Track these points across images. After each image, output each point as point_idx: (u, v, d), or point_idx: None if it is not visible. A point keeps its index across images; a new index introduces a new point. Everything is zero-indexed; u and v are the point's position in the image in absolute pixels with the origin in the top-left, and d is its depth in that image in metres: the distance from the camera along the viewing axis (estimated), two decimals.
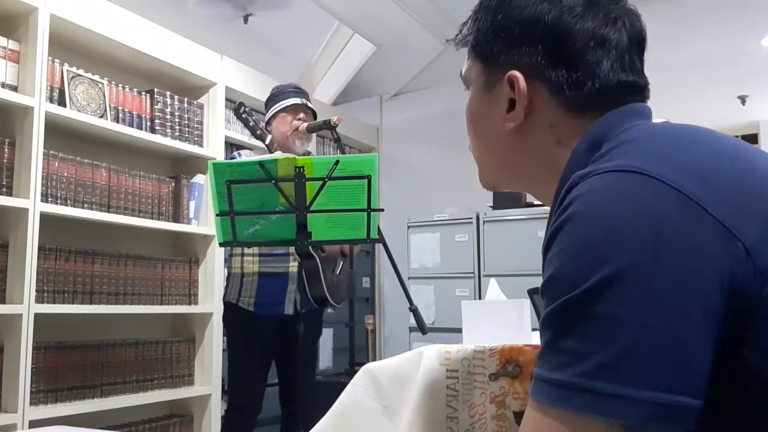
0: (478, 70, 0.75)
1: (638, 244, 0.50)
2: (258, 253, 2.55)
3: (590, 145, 0.66)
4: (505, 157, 0.74)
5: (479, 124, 0.76)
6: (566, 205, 0.56)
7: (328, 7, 3.75)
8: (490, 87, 0.74)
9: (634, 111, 0.69)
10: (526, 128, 0.71)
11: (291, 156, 1.97)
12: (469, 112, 0.77)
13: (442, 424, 1.10)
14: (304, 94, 2.69)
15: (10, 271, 2.37)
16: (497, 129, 0.73)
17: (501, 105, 0.72)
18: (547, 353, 0.54)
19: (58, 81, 2.59)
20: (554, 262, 0.55)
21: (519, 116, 0.70)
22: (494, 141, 0.74)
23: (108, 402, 2.62)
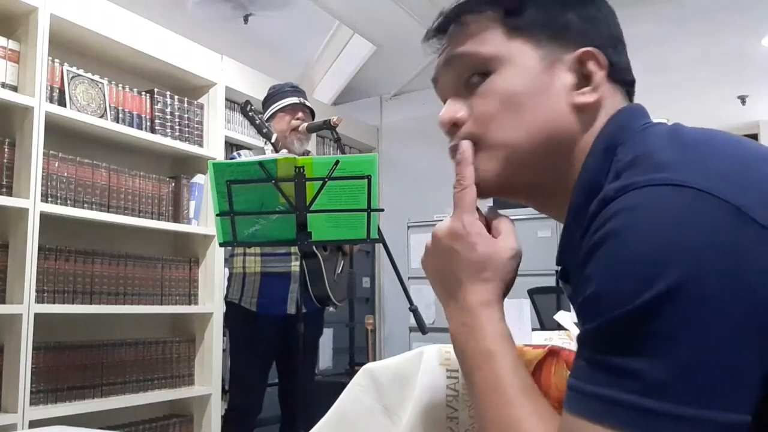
0: (529, 48, 0.69)
1: (689, 260, 0.49)
2: (260, 253, 2.55)
3: (606, 146, 0.65)
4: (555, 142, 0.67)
5: (532, 108, 0.68)
6: (605, 220, 0.54)
7: (328, 7, 3.75)
8: (548, 65, 0.68)
9: (638, 110, 0.70)
10: (591, 108, 0.68)
11: (291, 156, 1.97)
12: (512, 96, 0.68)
13: (442, 424, 1.10)
14: (301, 93, 2.70)
15: (10, 271, 2.37)
16: (558, 108, 0.67)
17: (562, 83, 0.68)
18: (590, 369, 0.53)
19: (58, 81, 2.59)
20: (596, 279, 0.53)
21: (594, 93, 0.67)
22: (550, 124, 0.67)
23: (108, 402, 2.62)
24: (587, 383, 0.52)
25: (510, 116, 0.68)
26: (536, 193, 0.73)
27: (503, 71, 0.69)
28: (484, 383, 0.63)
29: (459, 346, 0.68)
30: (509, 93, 0.68)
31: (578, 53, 0.68)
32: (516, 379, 0.62)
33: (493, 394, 0.62)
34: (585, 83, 0.68)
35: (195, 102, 3.19)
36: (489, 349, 0.64)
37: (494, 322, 0.66)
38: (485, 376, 0.63)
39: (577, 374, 0.54)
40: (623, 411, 0.49)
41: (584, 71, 0.68)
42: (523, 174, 0.70)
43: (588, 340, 0.53)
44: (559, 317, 1.48)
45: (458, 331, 0.68)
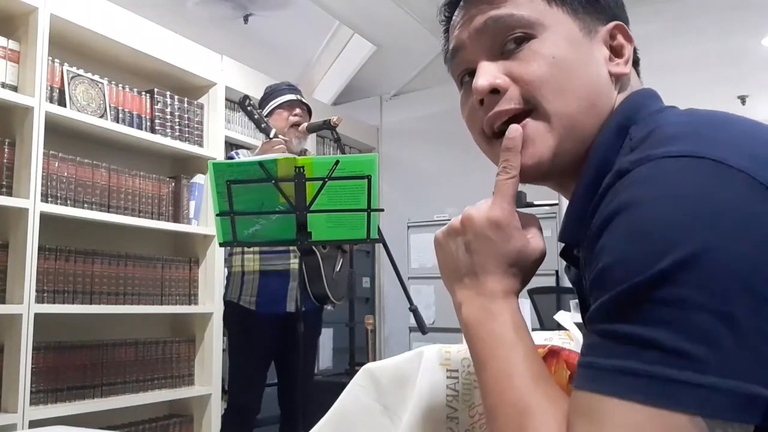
0: (568, 16, 0.68)
1: (709, 228, 0.48)
2: (258, 251, 2.55)
3: (619, 125, 0.65)
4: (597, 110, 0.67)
5: (580, 73, 0.67)
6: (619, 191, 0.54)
7: (328, 7, 3.75)
8: (588, 35, 0.69)
9: (653, 94, 0.71)
10: (623, 80, 0.70)
11: (291, 156, 1.97)
12: (562, 60, 0.66)
13: (442, 424, 1.10)
14: (297, 90, 2.72)
15: (10, 271, 2.37)
16: (599, 77, 0.68)
17: (601, 52, 0.69)
18: (606, 342, 0.51)
19: (58, 81, 2.59)
20: (611, 250, 0.52)
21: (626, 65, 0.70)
22: (595, 90, 0.68)
23: (108, 402, 2.62)
24: (604, 357, 0.50)
25: (561, 82, 0.66)
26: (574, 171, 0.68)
27: (546, 36, 0.67)
28: (499, 368, 0.61)
29: (474, 331, 0.65)
30: (559, 57, 0.66)
31: (611, 26, 0.70)
32: (532, 366, 0.60)
33: (507, 380, 0.60)
34: (616, 56, 0.70)
35: (195, 102, 3.19)
36: (508, 335, 0.62)
37: (515, 312, 0.65)
38: (500, 362, 0.61)
39: (591, 350, 0.52)
40: (644, 382, 0.47)
41: (614, 44, 0.70)
42: (575, 148, 0.67)
43: (603, 312, 0.52)
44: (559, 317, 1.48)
45: (476, 315, 0.65)
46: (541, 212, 3.68)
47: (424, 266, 4.01)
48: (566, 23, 0.68)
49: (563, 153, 0.67)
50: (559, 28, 0.67)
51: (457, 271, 0.68)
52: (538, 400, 0.57)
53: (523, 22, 0.67)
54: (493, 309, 0.64)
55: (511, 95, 0.67)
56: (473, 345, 0.65)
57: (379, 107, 5.02)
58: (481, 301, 0.65)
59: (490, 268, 0.66)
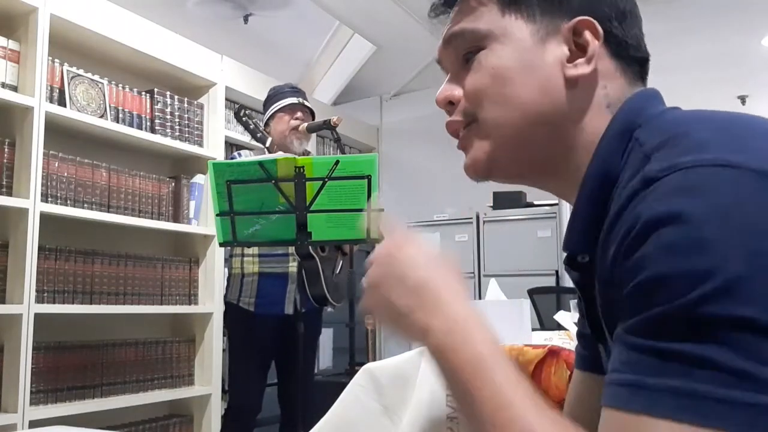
0: (522, 22, 0.67)
1: (759, 242, 0.47)
2: (258, 254, 2.55)
3: (622, 128, 0.63)
4: (549, 117, 0.66)
5: (521, 83, 0.66)
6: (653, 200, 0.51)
7: (328, 7, 3.75)
8: (542, 38, 0.66)
9: (654, 94, 0.68)
10: (587, 81, 0.65)
11: (291, 156, 1.97)
12: (502, 71, 0.67)
13: (442, 424, 1.10)
14: (300, 93, 2.71)
15: (10, 271, 2.37)
16: (550, 83, 0.66)
17: (554, 56, 0.66)
18: (652, 360, 0.48)
19: (58, 81, 2.59)
20: (657, 264, 0.49)
21: (588, 64, 0.65)
22: (541, 99, 0.66)
23: (108, 402, 2.62)
24: (652, 375, 0.47)
25: (500, 92, 0.67)
26: (535, 174, 0.70)
27: (494, 47, 0.68)
28: (483, 392, 0.57)
29: (447, 357, 0.61)
30: (497, 68, 0.67)
31: (573, 23, 0.66)
32: (518, 384, 0.57)
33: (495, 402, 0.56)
34: (580, 55, 0.66)
35: (195, 102, 3.19)
36: (482, 354, 0.59)
37: (483, 326, 0.62)
38: (482, 384, 0.58)
39: (632, 368, 0.49)
40: (701, 403, 0.45)
41: (579, 42, 0.66)
42: (518, 154, 0.68)
43: (649, 328, 0.49)
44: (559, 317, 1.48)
45: (444, 341, 0.61)
46: (541, 212, 3.68)
47: None
48: (518, 30, 0.67)
49: (504, 158, 0.69)
50: (508, 37, 0.67)
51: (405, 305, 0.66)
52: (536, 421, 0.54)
53: (476, 35, 0.69)
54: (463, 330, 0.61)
55: (460, 107, 0.71)
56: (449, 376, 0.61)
57: (379, 107, 5.02)
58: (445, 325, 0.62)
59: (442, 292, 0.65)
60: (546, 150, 0.67)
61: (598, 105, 0.66)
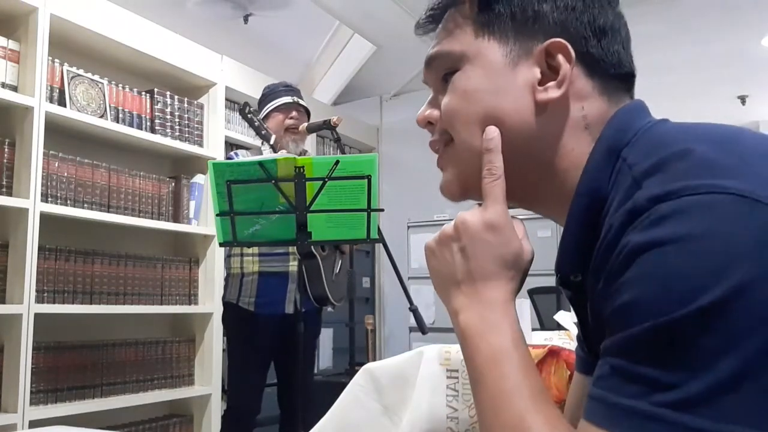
0: (495, 43, 0.67)
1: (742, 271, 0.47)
2: (258, 253, 2.55)
3: (609, 147, 0.62)
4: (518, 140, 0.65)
5: (489, 105, 0.66)
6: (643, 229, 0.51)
7: (328, 7, 3.75)
8: (513, 60, 0.65)
9: (640, 107, 0.67)
10: (557, 105, 0.64)
11: (291, 156, 1.97)
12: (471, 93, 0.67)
13: (442, 424, 1.10)
14: (295, 92, 2.69)
15: (10, 271, 2.37)
16: (519, 105, 0.65)
17: (525, 78, 0.65)
18: (620, 380, 0.50)
19: (58, 81, 2.59)
20: (639, 286, 0.50)
21: (559, 87, 0.64)
22: (509, 121, 0.65)
23: (108, 402, 2.62)
24: (614, 393, 0.50)
25: (469, 113, 0.67)
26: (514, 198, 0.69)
27: (466, 68, 0.68)
28: (497, 385, 0.59)
29: (472, 342, 0.62)
30: (467, 90, 0.67)
31: (545, 45, 0.64)
32: (531, 383, 0.59)
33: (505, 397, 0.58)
34: (553, 77, 0.64)
35: (195, 102, 3.19)
36: (507, 347, 0.61)
37: (514, 322, 0.63)
38: (498, 376, 0.59)
39: (604, 384, 0.51)
40: (656, 426, 0.46)
41: (552, 64, 0.64)
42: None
43: (622, 348, 0.50)
44: (559, 317, 1.48)
45: (474, 324, 0.63)
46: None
47: (424, 266, 3.98)
48: (491, 52, 0.67)
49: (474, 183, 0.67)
50: (481, 59, 0.67)
51: (453, 278, 0.66)
52: (539, 424, 0.55)
53: (451, 56, 0.69)
54: (492, 319, 0.62)
55: (438, 127, 0.71)
56: (471, 357, 0.63)
57: (379, 107, 5.02)
58: (480, 309, 0.63)
59: (488, 273, 0.64)
60: (520, 174, 0.66)
61: (574, 127, 0.65)
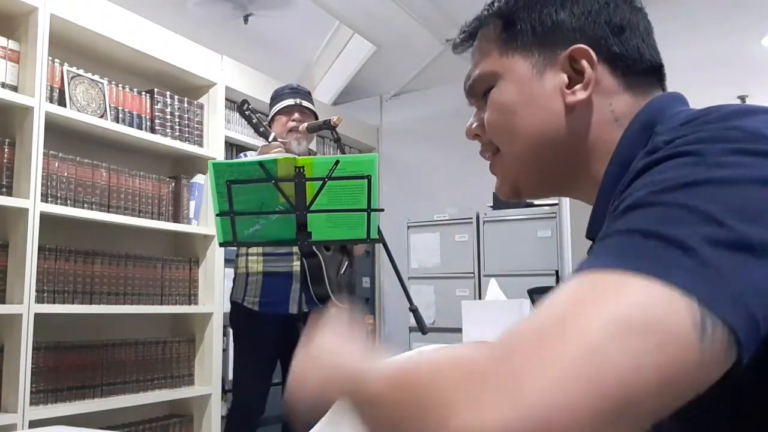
0: (520, 58, 0.73)
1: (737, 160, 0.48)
2: (262, 253, 2.55)
3: (643, 124, 0.67)
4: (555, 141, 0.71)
5: (524, 114, 0.72)
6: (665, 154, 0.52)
7: (328, 7, 3.75)
8: (540, 70, 0.72)
9: (679, 97, 0.71)
10: (586, 105, 0.70)
11: (291, 156, 1.97)
12: (506, 105, 0.73)
13: None
14: (299, 93, 2.69)
15: (10, 271, 2.37)
16: (550, 110, 0.71)
17: (553, 85, 0.71)
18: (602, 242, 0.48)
19: (58, 81, 2.59)
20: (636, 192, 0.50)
21: (585, 89, 0.69)
22: (544, 126, 0.71)
23: (108, 402, 2.62)
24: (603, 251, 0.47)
25: (507, 125, 0.74)
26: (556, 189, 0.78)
27: (500, 84, 0.74)
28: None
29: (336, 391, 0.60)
30: (503, 104, 0.74)
31: (566, 53, 0.70)
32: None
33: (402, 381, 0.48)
34: (580, 80, 0.70)
35: (195, 102, 3.19)
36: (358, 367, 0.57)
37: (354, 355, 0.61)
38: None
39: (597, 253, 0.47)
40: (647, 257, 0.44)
41: (577, 67, 0.70)
42: (534, 176, 0.75)
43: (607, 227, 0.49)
44: None
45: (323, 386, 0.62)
46: (541, 212, 3.68)
47: (424, 266, 4.01)
48: (518, 67, 0.73)
49: (523, 182, 0.76)
50: (510, 74, 0.73)
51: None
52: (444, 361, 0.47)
53: (484, 78, 0.76)
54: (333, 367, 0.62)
55: (485, 140, 0.79)
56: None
57: (379, 107, 5.01)
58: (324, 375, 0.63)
59: None
60: (555, 169, 0.74)
61: (604, 121, 0.70)
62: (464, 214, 3.89)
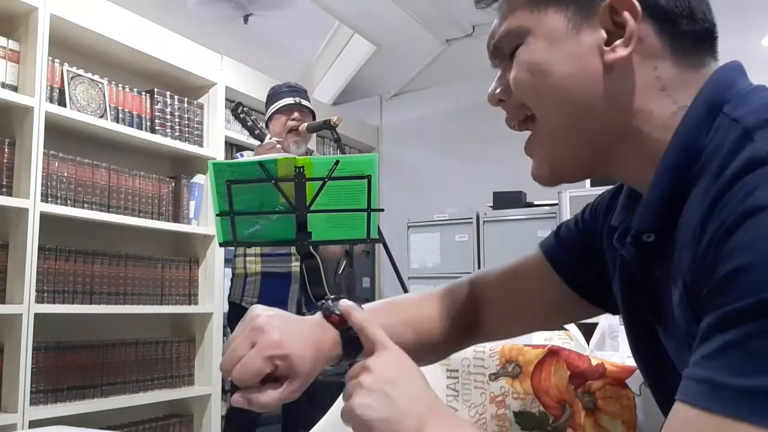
0: (553, 11, 0.65)
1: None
2: (261, 254, 2.55)
3: (709, 105, 0.59)
4: (593, 106, 0.63)
5: (557, 74, 0.63)
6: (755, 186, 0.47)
7: (328, 7, 3.75)
8: (576, 25, 0.63)
9: (739, 68, 0.63)
10: (626, 65, 0.61)
11: (291, 156, 1.97)
12: (537, 65, 0.64)
13: None
14: (299, 92, 2.68)
15: (10, 271, 2.37)
16: (587, 70, 0.62)
17: (591, 41, 0.62)
18: (731, 355, 0.44)
19: (58, 81, 2.59)
20: (748, 252, 0.45)
21: (627, 46, 0.61)
22: (580, 88, 0.62)
23: (108, 402, 2.62)
24: (725, 372, 0.44)
25: (536, 86, 0.65)
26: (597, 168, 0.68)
27: (529, 41, 0.66)
28: None
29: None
30: (533, 63, 0.65)
31: (606, 3, 0.62)
32: None
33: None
34: (621, 35, 0.61)
35: (195, 102, 3.19)
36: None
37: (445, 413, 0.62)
38: None
39: (712, 362, 0.45)
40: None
41: (618, 21, 0.61)
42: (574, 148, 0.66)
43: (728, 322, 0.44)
44: None
45: None
46: (541, 212, 3.68)
47: (424, 266, 4.01)
48: (551, 21, 0.65)
49: (565, 159, 0.67)
50: (542, 30, 0.65)
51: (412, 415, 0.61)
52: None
53: (512, 34, 0.67)
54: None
55: (511, 104, 0.70)
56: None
57: (379, 107, 5.02)
58: None
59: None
60: (594, 142, 0.65)
61: (648, 88, 0.62)
62: (464, 214, 3.89)
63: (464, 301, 0.90)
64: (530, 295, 0.88)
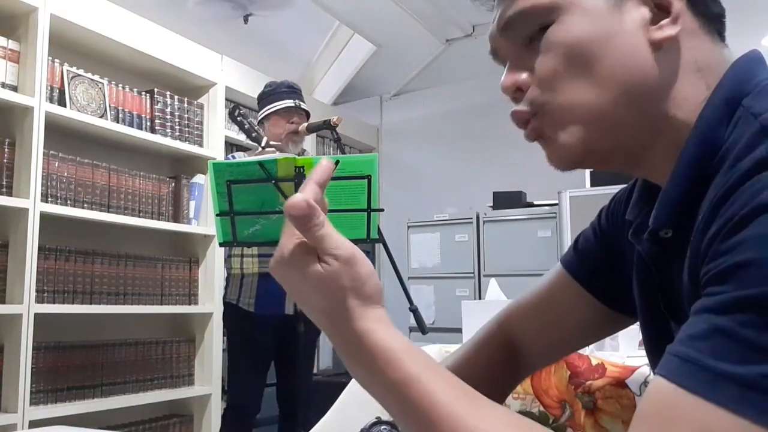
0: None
1: None
2: (257, 254, 2.55)
3: (727, 98, 0.57)
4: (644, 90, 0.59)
5: (605, 55, 0.58)
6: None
7: (328, 7, 3.75)
8: (615, 3, 0.59)
9: (759, 58, 0.61)
10: (674, 44, 0.58)
11: (291, 156, 1.97)
12: (580, 46, 0.59)
13: None
14: (297, 94, 2.67)
15: (10, 271, 2.37)
16: (636, 49, 0.58)
17: (634, 19, 0.59)
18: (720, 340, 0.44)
19: (58, 81, 2.59)
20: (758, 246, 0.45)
21: (674, 24, 0.58)
22: (633, 69, 0.58)
23: (108, 402, 2.62)
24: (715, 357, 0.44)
25: (578, 71, 0.59)
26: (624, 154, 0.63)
27: (563, 19, 0.60)
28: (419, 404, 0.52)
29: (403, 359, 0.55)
30: (572, 42, 0.59)
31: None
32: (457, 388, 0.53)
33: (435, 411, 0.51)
34: (662, 16, 0.58)
35: (195, 102, 3.19)
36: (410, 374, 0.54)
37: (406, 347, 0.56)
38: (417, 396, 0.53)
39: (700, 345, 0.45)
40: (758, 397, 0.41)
41: (659, 1, 0.59)
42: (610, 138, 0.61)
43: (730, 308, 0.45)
44: None
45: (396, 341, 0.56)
46: (541, 212, 3.68)
47: (424, 266, 4.01)
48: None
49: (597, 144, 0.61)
50: (577, 7, 0.59)
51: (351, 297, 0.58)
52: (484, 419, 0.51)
53: (538, 11, 0.60)
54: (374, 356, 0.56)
55: (530, 95, 0.63)
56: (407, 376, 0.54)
57: (379, 107, 5.02)
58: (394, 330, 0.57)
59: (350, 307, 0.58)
60: (632, 132, 0.60)
61: (688, 70, 0.59)
62: (464, 214, 3.89)
63: (499, 353, 0.85)
64: (566, 324, 0.83)
